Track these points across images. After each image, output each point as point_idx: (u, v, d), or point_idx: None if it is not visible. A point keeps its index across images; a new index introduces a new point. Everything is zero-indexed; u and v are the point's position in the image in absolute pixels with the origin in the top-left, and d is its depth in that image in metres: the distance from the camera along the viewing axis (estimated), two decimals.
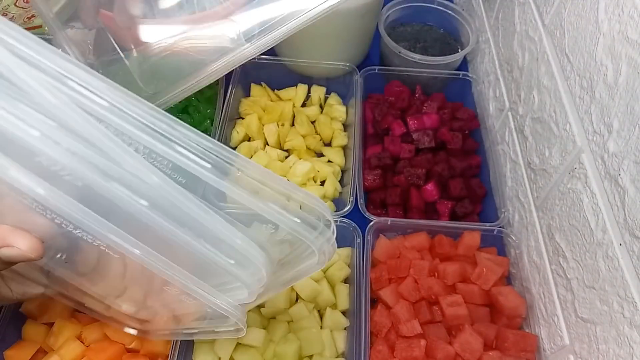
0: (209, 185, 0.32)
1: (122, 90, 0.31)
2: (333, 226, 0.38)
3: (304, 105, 0.85)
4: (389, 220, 0.67)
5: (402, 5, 0.88)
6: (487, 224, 0.68)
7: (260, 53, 0.55)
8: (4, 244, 0.29)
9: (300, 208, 0.36)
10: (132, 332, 0.46)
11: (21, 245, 0.29)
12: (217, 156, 0.32)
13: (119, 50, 0.54)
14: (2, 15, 0.86)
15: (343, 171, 0.78)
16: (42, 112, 0.27)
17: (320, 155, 0.80)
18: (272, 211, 0.34)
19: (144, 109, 0.31)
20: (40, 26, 0.86)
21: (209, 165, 0.31)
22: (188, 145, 0.31)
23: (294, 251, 0.37)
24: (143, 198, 0.29)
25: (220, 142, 0.72)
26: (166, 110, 0.81)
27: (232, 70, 0.81)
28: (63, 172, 0.27)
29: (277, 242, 0.36)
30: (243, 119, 0.81)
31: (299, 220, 0.34)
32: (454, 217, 0.72)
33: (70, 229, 0.29)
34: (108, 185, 0.28)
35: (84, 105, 0.28)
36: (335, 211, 0.71)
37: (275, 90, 0.85)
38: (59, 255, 0.35)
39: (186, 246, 0.31)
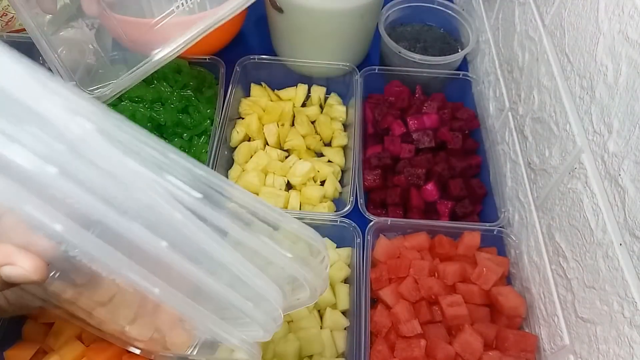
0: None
1: (116, 117, 0.30)
2: (327, 261, 0.37)
3: (304, 105, 0.85)
4: (389, 220, 0.67)
5: (402, 5, 0.88)
6: (487, 224, 0.68)
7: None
8: (8, 261, 0.27)
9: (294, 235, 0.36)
10: (136, 351, 0.46)
11: (25, 264, 0.27)
12: (209, 185, 0.31)
13: (85, 27, 0.52)
14: (2, 15, 0.86)
15: (343, 171, 0.78)
16: (56, 140, 0.26)
17: (320, 155, 0.80)
18: (266, 247, 0.33)
19: (135, 136, 0.30)
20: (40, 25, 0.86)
21: (200, 196, 0.30)
22: (179, 174, 0.30)
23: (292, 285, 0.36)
24: (163, 238, 0.28)
25: (220, 142, 0.73)
26: (164, 113, 0.80)
27: (233, 70, 0.81)
28: (78, 205, 0.26)
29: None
30: (243, 119, 0.81)
31: (290, 255, 0.34)
32: (454, 217, 0.72)
33: (80, 260, 0.28)
34: (127, 225, 0.27)
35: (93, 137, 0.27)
36: (335, 211, 0.71)
37: (275, 90, 0.85)
38: (58, 274, 0.34)
39: (206, 288, 0.30)
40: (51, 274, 0.30)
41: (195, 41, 0.51)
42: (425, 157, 0.73)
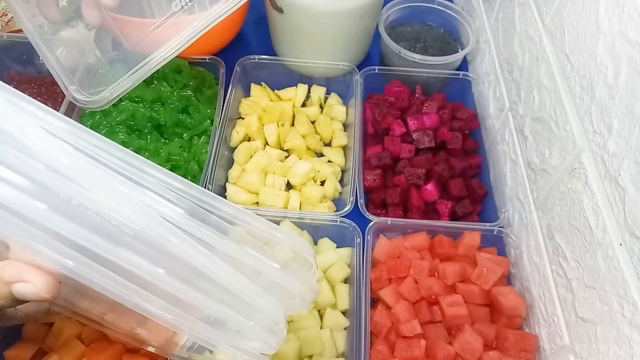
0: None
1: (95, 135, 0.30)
2: (314, 268, 0.37)
3: (304, 105, 0.85)
4: (389, 220, 0.67)
5: (402, 5, 0.88)
6: (487, 224, 0.68)
7: None
8: (19, 279, 0.27)
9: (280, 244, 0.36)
10: (151, 349, 0.46)
11: (37, 282, 0.27)
12: (191, 200, 0.31)
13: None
14: (2, 15, 0.86)
15: (343, 171, 0.78)
16: (41, 168, 0.26)
17: (320, 155, 0.80)
18: (253, 258, 0.33)
19: (111, 152, 0.30)
20: (40, 26, 0.86)
21: (184, 212, 0.30)
22: (160, 190, 0.30)
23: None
24: (160, 265, 0.28)
25: (220, 142, 0.73)
26: (164, 113, 0.79)
27: (233, 70, 0.81)
28: (75, 239, 0.26)
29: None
30: (243, 119, 0.81)
31: (277, 266, 0.34)
32: (454, 217, 0.72)
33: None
34: (125, 256, 0.27)
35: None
36: (335, 211, 0.71)
37: (275, 90, 0.85)
38: (69, 289, 0.34)
39: (207, 310, 0.30)
40: (63, 290, 0.30)
41: (196, 38, 0.50)
42: (425, 157, 0.73)
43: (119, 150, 0.30)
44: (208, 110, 0.78)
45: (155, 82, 0.78)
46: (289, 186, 0.75)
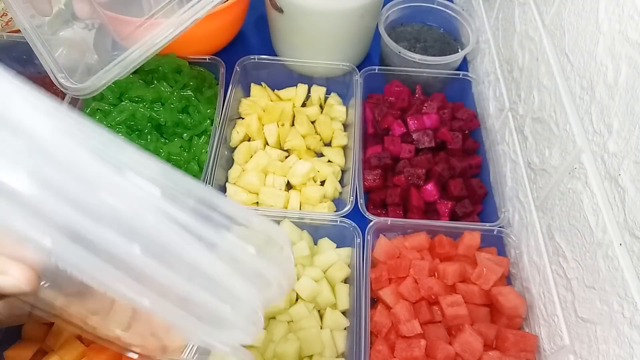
0: None
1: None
2: (291, 256, 0.36)
3: (304, 105, 0.85)
4: (389, 220, 0.67)
5: (402, 5, 0.88)
6: (487, 224, 0.68)
7: None
8: None
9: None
10: (134, 356, 0.46)
11: (17, 274, 0.27)
12: (168, 183, 0.31)
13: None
14: (2, 15, 0.86)
15: (343, 171, 0.78)
16: (21, 143, 0.25)
17: (320, 155, 0.80)
18: (228, 243, 0.32)
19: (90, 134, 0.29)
20: (39, 26, 0.86)
21: (158, 193, 0.30)
22: (138, 171, 0.30)
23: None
24: (136, 242, 0.28)
25: (220, 142, 0.73)
26: (164, 113, 0.78)
27: (233, 70, 0.81)
28: (55, 215, 0.26)
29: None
30: (243, 119, 0.81)
31: (254, 252, 0.33)
32: (454, 217, 0.72)
33: (69, 272, 0.27)
34: (102, 232, 0.27)
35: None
36: (335, 211, 0.71)
37: (275, 90, 0.85)
38: (48, 284, 0.34)
39: (185, 294, 0.30)
40: (42, 284, 0.30)
41: (184, 29, 0.50)
42: (425, 157, 0.73)
43: (98, 129, 0.30)
44: (208, 110, 0.78)
45: (155, 82, 0.78)
46: (289, 186, 0.75)
